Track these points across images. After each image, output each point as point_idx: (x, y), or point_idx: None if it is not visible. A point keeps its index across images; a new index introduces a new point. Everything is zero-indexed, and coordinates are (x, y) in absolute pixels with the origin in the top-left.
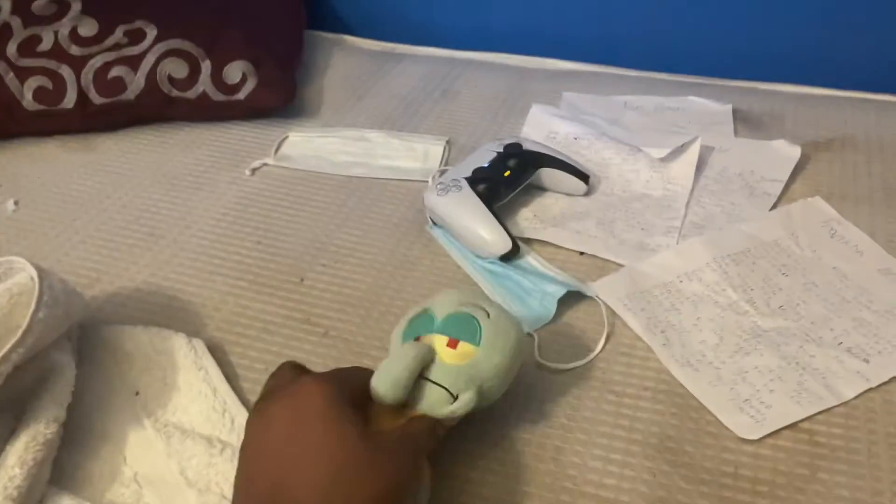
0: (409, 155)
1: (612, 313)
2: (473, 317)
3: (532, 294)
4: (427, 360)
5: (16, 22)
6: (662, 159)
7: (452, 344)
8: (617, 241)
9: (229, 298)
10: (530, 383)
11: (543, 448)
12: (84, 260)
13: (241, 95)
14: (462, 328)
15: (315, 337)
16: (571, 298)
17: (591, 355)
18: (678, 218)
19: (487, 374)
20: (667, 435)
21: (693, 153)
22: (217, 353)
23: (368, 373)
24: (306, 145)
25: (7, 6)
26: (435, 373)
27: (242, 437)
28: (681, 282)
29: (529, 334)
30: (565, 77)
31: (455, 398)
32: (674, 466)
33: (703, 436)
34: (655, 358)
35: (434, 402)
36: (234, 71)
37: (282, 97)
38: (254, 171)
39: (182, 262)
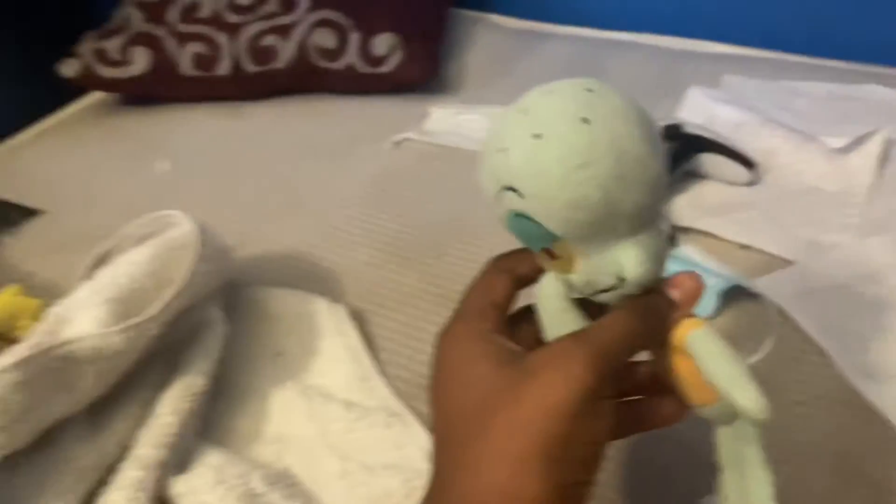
0: None
1: (780, 313)
2: None
3: None
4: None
5: None
6: (840, 150)
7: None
8: (786, 236)
9: (370, 269)
10: None
11: (698, 454)
12: (232, 223)
13: (386, 68)
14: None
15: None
16: (732, 295)
17: (756, 357)
18: (856, 215)
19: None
20: (845, 451)
21: (876, 145)
22: (358, 321)
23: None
24: (448, 121)
25: None
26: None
27: (383, 403)
28: (861, 285)
29: None
30: (724, 61)
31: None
32: (854, 487)
33: (890, 455)
34: (830, 365)
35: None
36: (381, 43)
37: (426, 72)
38: (396, 144)
39: (324, 231)
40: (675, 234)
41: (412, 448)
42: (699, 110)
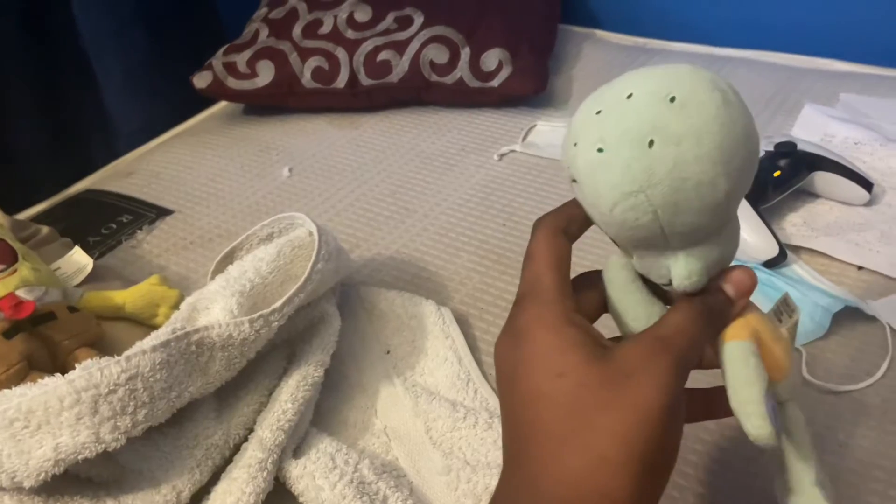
0: None
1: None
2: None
3: (801, 306)
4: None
5: (302, 7)
6: None
7: None
8: None
9: (474, 275)
10: None
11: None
12: (345, 226)
13: (495, 83)
14: None
15: None
16: (847, 316)
17: (870, 380)
18: None
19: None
20: None
21: None
22: (461, 324)
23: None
24: (553, 134)
25: None
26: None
27: (485, 404)
28: None
29: (797, 349)
30: (842, 78)
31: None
32: None
33: None
34: None
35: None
36: (491, 58)
37: (534, 86)
38: (501, 156)
39: (431, 237)
40: (784, 252)
41: None
42: (814, 128)
